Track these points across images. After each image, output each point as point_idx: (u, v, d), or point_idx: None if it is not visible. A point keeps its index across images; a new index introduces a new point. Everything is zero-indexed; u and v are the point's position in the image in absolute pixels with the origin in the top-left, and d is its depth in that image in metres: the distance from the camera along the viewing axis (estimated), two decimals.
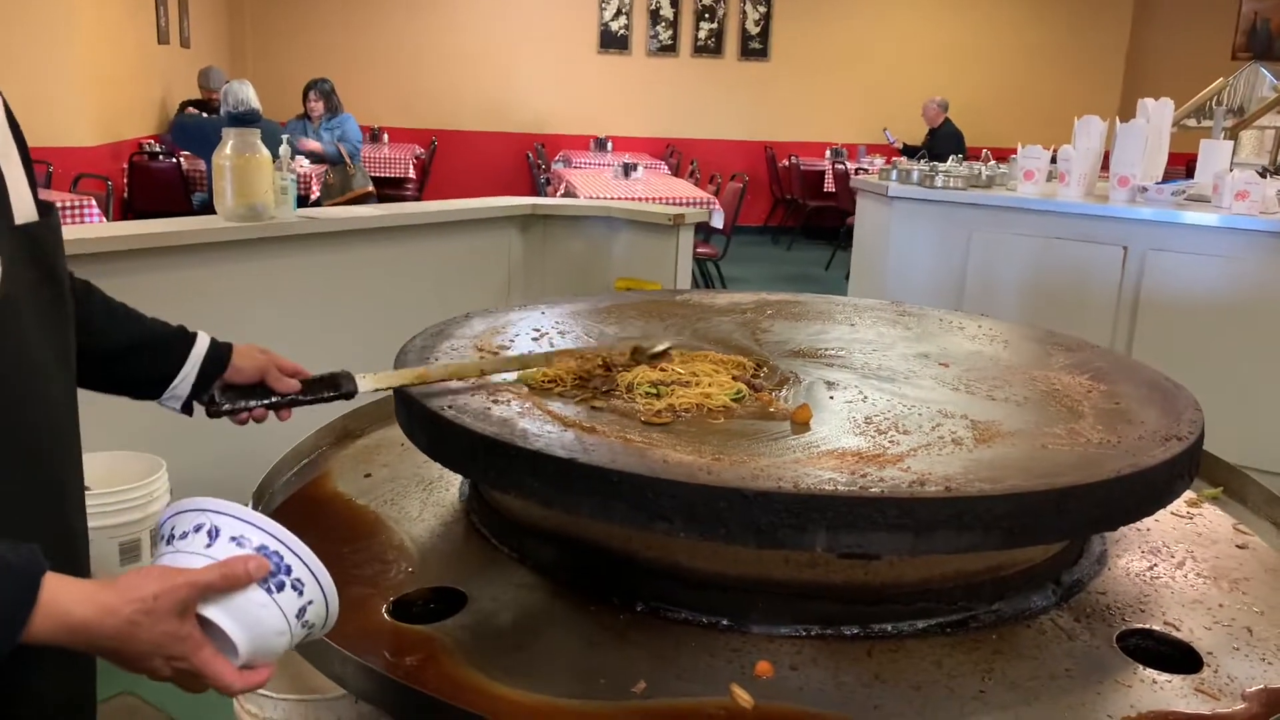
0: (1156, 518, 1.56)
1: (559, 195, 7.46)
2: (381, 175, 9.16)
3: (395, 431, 1.60)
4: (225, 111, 6.32)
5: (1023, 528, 1.14)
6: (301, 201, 6.10)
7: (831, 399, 1.48)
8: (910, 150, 9.67)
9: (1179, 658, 1.23)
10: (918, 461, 1.22)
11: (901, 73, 11.81)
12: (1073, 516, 1.17)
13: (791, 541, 1.11)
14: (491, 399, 1.39)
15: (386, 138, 10.28)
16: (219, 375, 1.30)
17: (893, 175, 4.88)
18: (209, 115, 7.15)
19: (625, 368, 1.52)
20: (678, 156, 11.25)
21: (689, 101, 11.78)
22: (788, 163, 11.05)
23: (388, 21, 11.12)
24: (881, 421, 1.38)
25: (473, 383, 1.46)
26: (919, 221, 4.70)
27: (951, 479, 1.15)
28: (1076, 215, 4.30)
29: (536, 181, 9.69)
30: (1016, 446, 1.30)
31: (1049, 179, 4.70)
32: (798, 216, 11.19)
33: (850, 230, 5.65)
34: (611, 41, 11.58)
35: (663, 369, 1.51)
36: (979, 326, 1.96)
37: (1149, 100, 4.54)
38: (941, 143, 8.97)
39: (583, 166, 9.63)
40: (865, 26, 11.81)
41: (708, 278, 7.99)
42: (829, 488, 1.12)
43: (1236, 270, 3.98)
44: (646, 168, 9.01)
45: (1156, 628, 1.29)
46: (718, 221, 6.84)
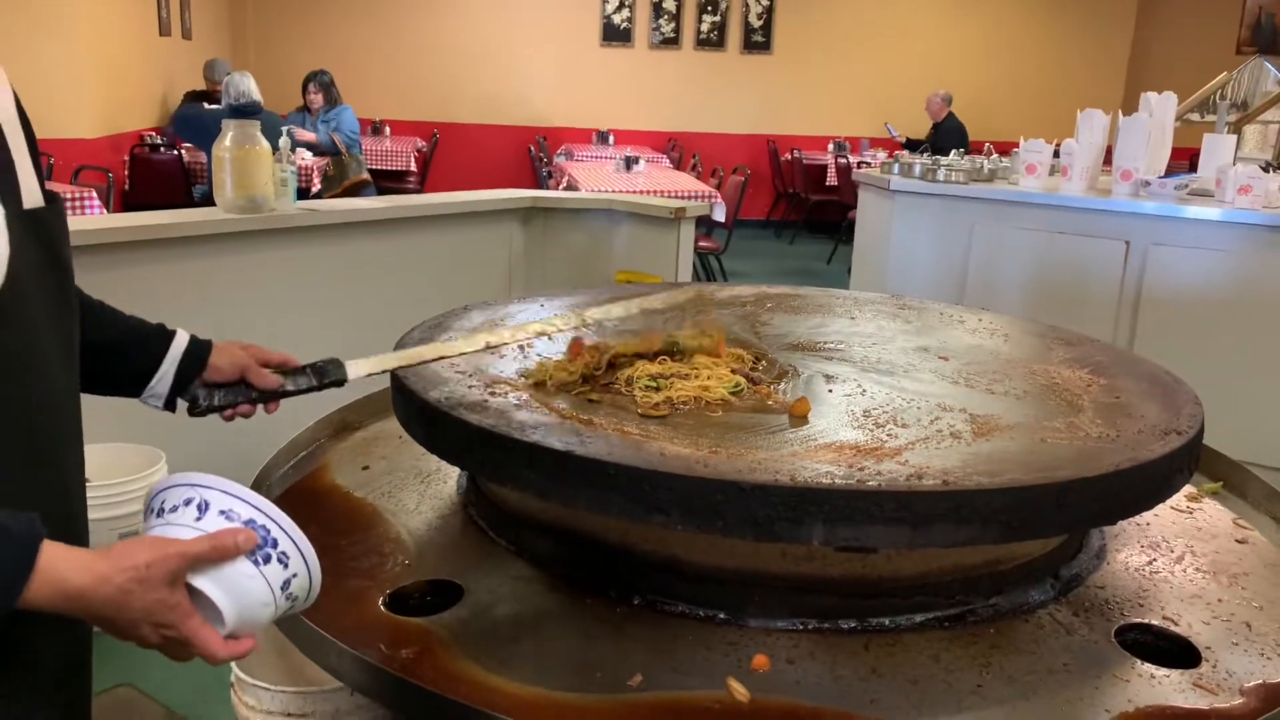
0: (1156, 512, 1.56)
1: (561, 188, 7.46)
2: (383, 168, 9.15)
3: (393, 424, 1.59)
4: (226, 103, 6.31)
5: (1021, 521, 1.14)
6: (303, 194, 6.10)
7: (830, 392, 1.48)
8: (913, 144, 9.65)
9: (1177, 652, 1.23)
10: (916, 455, 1.22)
11: (905, 66, 11.77)
12: (1071, 510, 1.16)
13: (788, 535, 1.11)
14: (489, 391, 1.39)
15: (388, 130, 10.27)
16: (199, 373, 1.29)
17: (894, 169, 4.87)
18: (210, 106, 7.13)
19: (628, 361, 1.50)
20: (680, 150, 11.23)
21: (691, 95, 11.75)
22: (790, 156, 11.03)
23: (390, 14, 11.10)
24: (880, 415, 1.38)
25: (470, 371, 1.46)
26: (921, 215, 4.68)
27: (950, 472, 1.15)
28: (1079, 209, 4.29)
29: (538, 175, 9.67)
30: (1015, 440, 1.29)
31: (1051, 173, 4.68)
32: (800, 210, 11.17)
33: (852, 224, 5.64)
34: (614, 34, 11.55)
35: (662, 361, 1.51)
36: (979, 320, 1.95)
37: (1152, 94, 4.53)
38: (944, 137, 8.96)
39: (584, 160, 9.62)
40: (868, 19, 11.77)
41: (709, 271, 7.98)
42: (826, 481, 1.11)
43: (1239, 265, 3.97)
44: (648, 161, 8.99)
45: (1155, 622, 1.28)
46: (719, 215, 6.83)
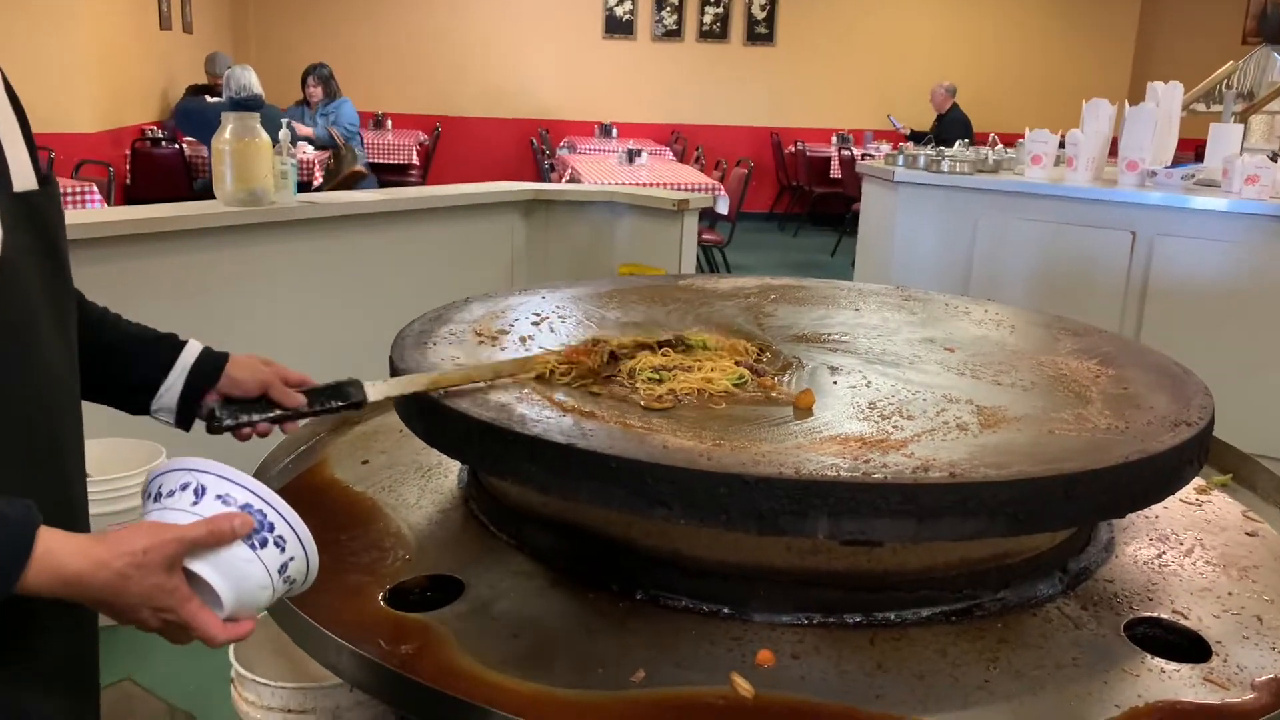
0: (1165, 505, 1.54)
1: (563, 182, 7.43)
2: (385, 162, 9.13)
3: (393, 418, 1.58)
4: (228, 97, 6.29)
5: (1029, 514, 1.12)
6: (305, 189, 6.08)
7: (835, 384, 1.46)
8: (917, 136, 9.61)
9: (1187, 646, 1.21)
10: (922, 447, 1.20)
11: (909, 58, 11.73)
12: (1080, 503, 1.15)
13: (793, 528, 1.09)
14: (489, 383, 1.37)
15: (390, 124, 10.24)
16: (211, 386, 1.23)
17: (899, 160, 4.84)
18: (212, 100, 7.12)
19: (630, 354, 1.48)
20: (683, 143, 11.19)
21: (694, 87, 11.71)
22: (794, 149, 11.00)
23: (392, 7, 11.07)
24: (885, 407, 1.36)
25: (471, 364, 1.44)
26: (925, 207, 4.66)
27: (956, 464, 1.13)
28: (1084, 200, 4.26)
29: (540, 168, 9.65)
30: (1023, 432, 1.27)
31: (1057, 164, 4.66)
32: (803, 203, 11.14)
33: (856, 217, 5.61)
34: (616, 27, 11.51)
35: (665, 353, 1.49)
36: (985, 311, 1.93)
37: (1158, 84, 4.50)
38: (949, 128, 8.91)
39: (587, 153, 9.59)
40: (872, 11, 11.72)
41: (713, 264, 7.96)
42: (831, 473, 1.09)
43: (1246, 256, 3.94)
44: (651, 154, 8.96)
45: (1165, 616, 1.26)
46: (723, 208, 6.81)
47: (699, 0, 11.50)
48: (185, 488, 0.93)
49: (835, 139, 10.98)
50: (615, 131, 10.74)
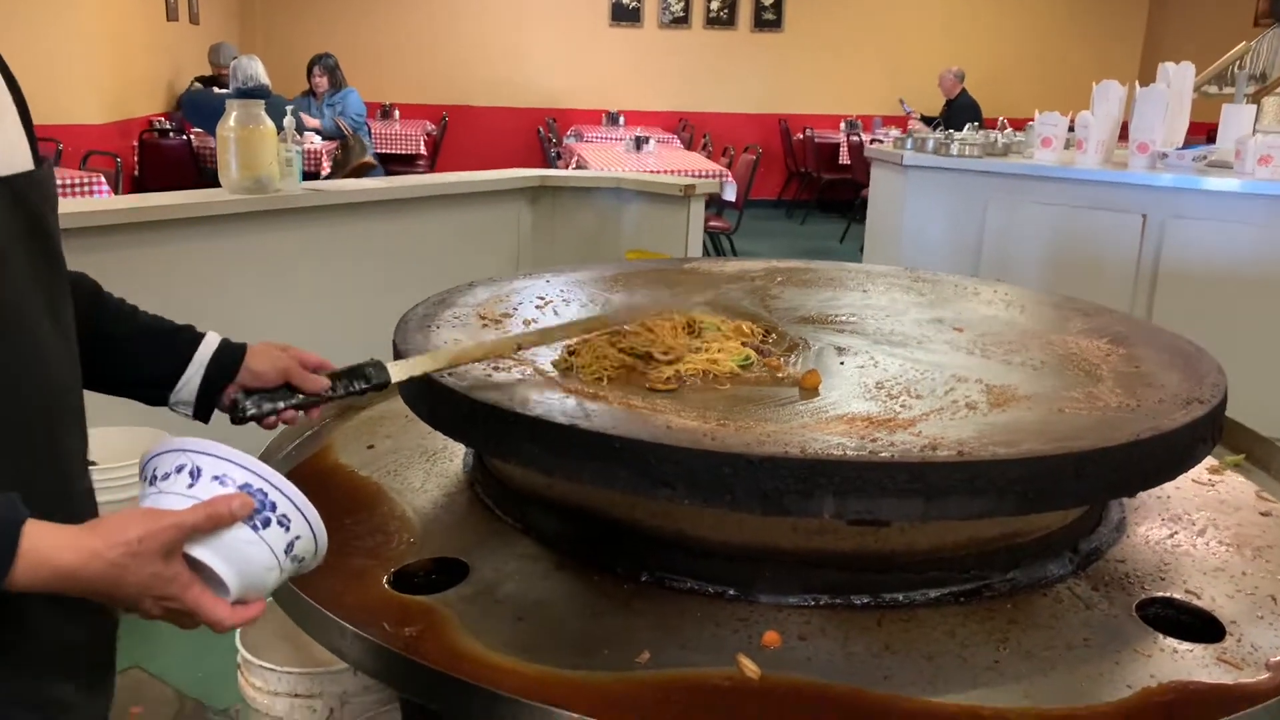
0: (1177, 485, 1.52)
1: (570, 170, 7.41)
2: (393, 152, 9.12)
3: (399, 403, 1.57)
4: (234, 87, 6.29)
5: (1038, 493, 1.11)
6: (313, 179, 6.07)
7: (842, 364, 1.45)
8: (926, 121, 9.55)
9: (1200, 627, 1.20)
10: (930, 426, 1.18)
11: (917, 43, 11.65)
12: (1090, 481, 1.13)
13: (798, 508, 1.08)
14: (493, 365, 1.36)
15: (398, 114, 10.23)
16: (230, 379, 1.20)
17: (908, 144, 4.81)
18: (220, 91, 7.12)
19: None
20: (690, 130, 11.15)
21: (702, 74, 11.66)
22: (802, 135, 10.94)
23: None
24: (893, 386, 1.34)
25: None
26: (934, 191, 4.63)
27: (965, 443, 1.12)
28: (1095, 183, 4.22)
29: (548, 156, 9.63)
30: (1033, 410, 1.26)
31: (1067, 146, 4.62)
32: (812, 190, 11.09)
33: (865, 203, 5.58)
34: (623, 14, 11.46)
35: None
36: (994, 291, 1.91)
37: (1170, 64, 4.45)
38: (958, 113, 8.85)
39: (594, 141, 9.56)
40: None
41: (720, 251, 7.94)
42: (837, 452, 1.08)
43: (1259, 237, 3.90)
44: (659, 141, 8.93)
45: (1177, 596, 1.25)
46: (730, 194, 6.78)
47: None
48: (180, 470, 0.90)
49: (844, 125, 10.93)
50: (622, 119, 10.71)
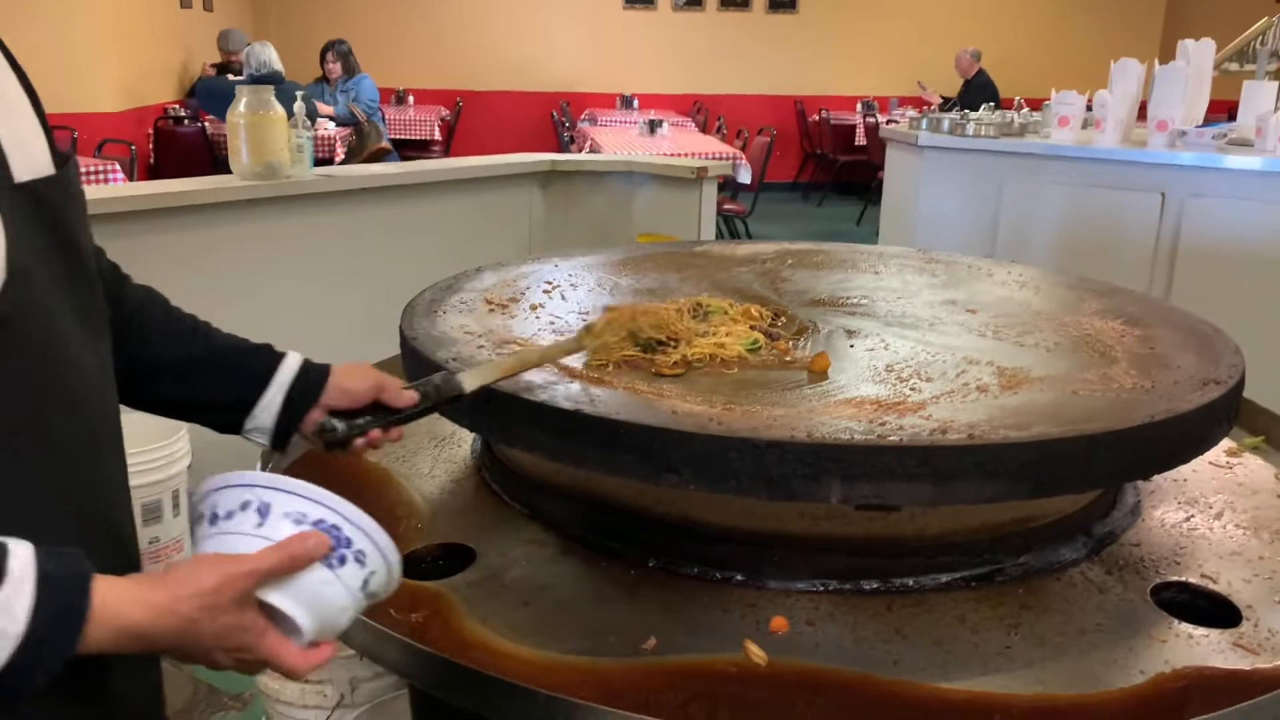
0: (1194, 467, 1.50)
1: (584, 154, 7.39)
2: (407, 137, 9.11)
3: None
4: (248, 74, 6.30)
5: (1050, 476, 1.09)
6: (326, 164, 6.07)
7: (852, 347, 1.43)
8: (944, 102, 9.47)
9: (1216, 611, 1.18)
10: (940, 409, 1.17)
11: (934, 22, 11.54)
12: (1103, 464, 1.11)
13: (805, 493, 1.06)
14: (497, 351, 1.35)
15: (411, 100, 10.22)
16: (314, 401, 1.12)
17: (923, 124, 4.76)
18: (234, 78, 7.12)
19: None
20: (705, 113, 11.10)
21: (716, 56, 11.59)
22: (818, 117, 10.87)
23: None
24: (903, 369, 1.33)
25: (481, 332, 1.42)
26: (950, 172, 4.58)
27: (975, 426, 1.10)
28: (1113, 162, 4.16)
29: (561, 140, 9.60)
30: (1045, 393, 1.24)
31: (1084, 126, 4.56)
32: (828, 172, 11.03)
33: (882, 185, 5.54)
34: None
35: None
36: (1009, 273, 1.89)
37: (1189, 41, 4.38)
38: (975, 93, 8.77)
39: (608, 125, 9.52)
40: None
41: (735, 235, 7.90)
42: (845, 436, 1.07)
43: None
44: (673, 124, 8.89)
45: (1193, 580, 1.23)
46: (744, 177, 6.74)
47: None
48: (246, 507, 0.84)
49: (860, 106, 10.85)
50: (636, 103, 10.66)
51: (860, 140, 10.32)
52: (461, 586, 1.20)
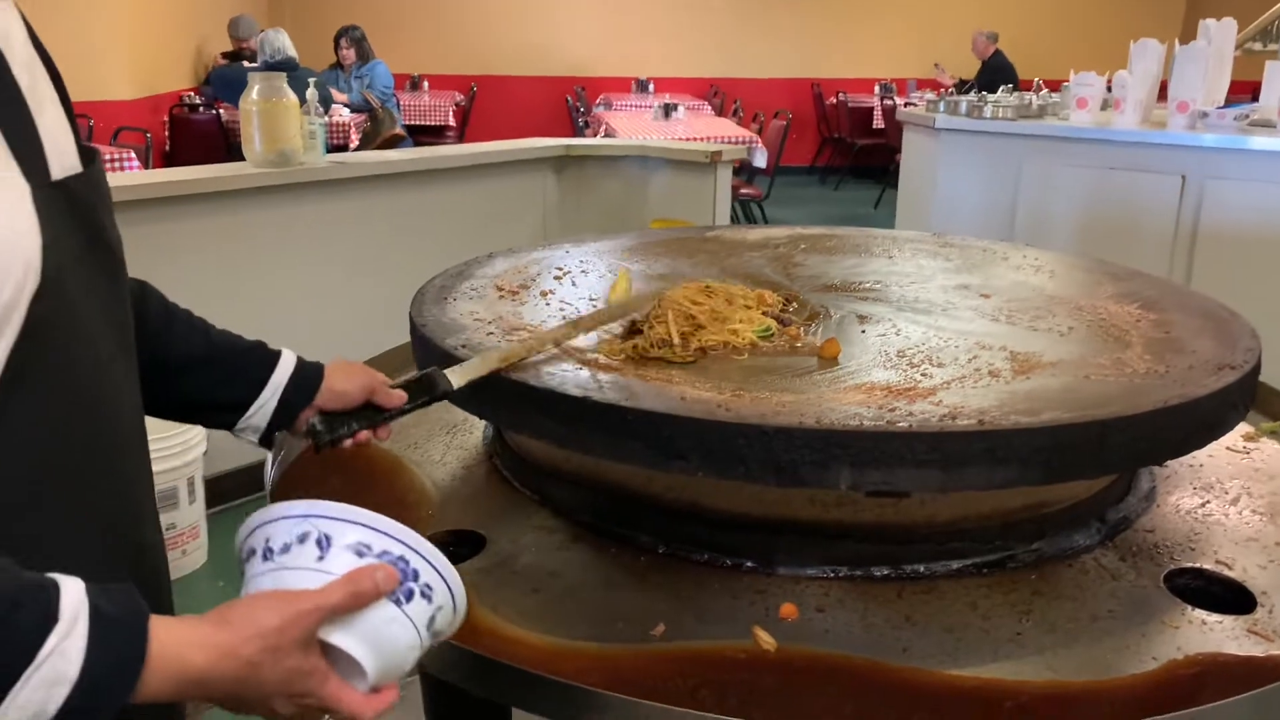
0: (1210, 452, 1.49)
1: (599, 138, 7.37)
2: (422, 123, 9.12)
3: None
4: (262, 61, 6.31)
5: (1061, 462, 1.08)
6: (341, 150, 6.08)
7: (863, 333, 1.42)
8: (961, 84, 9.40)
9: (1231, 598, 1.17)
10: (951, 394, 1.16)
11: (952, 3, 11.44)
12: (1116, 450, 1.10)
13: (814, 479, 1.06)
14: (506, 338, 1.35)
15: (426, 85, 10.21)
16: (307, 401, 1.11)
17: (940, 107, 4.73)
18: (249, 66, 7.14)
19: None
20: (721, 96, 11.05)
21: (733, 40, 11.54)
22: (835, 100, 10.81)
23: None
24: (915, 355, 1.32)
25: (490, 319, 1.42)
26: (967, 154, 4.55)
27: (986, 412, 1.09)
28: (1132, 144, 4.13)
29: (576, 125, 9.58)
30: (1058, 378, 1.23)
31: (1104, 107, 4.51)
32: (845, 155, 10.97)
33: (899, 168, 5.50)
34: None
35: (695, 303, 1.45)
36: (1024, 257, 1.87)
37: (1211, 20, 4.33)
38: (991, 74, 8.70)
39: (623, 109, 9.50)
40: None
41: (751, 219, 7.87)
42: (854, 422, 1.06)
43: None
44: (688, 108, 8.86)
45: (1207, 566, 1.22)
46: (760, 161, 6.72)
47: None
48: (305, 539, 0.78)
49: (878, 89, 10.78)
50: (652, 87, 10.63)
51: (878, 123, 10.26)
52: (472, 573, 1.20)
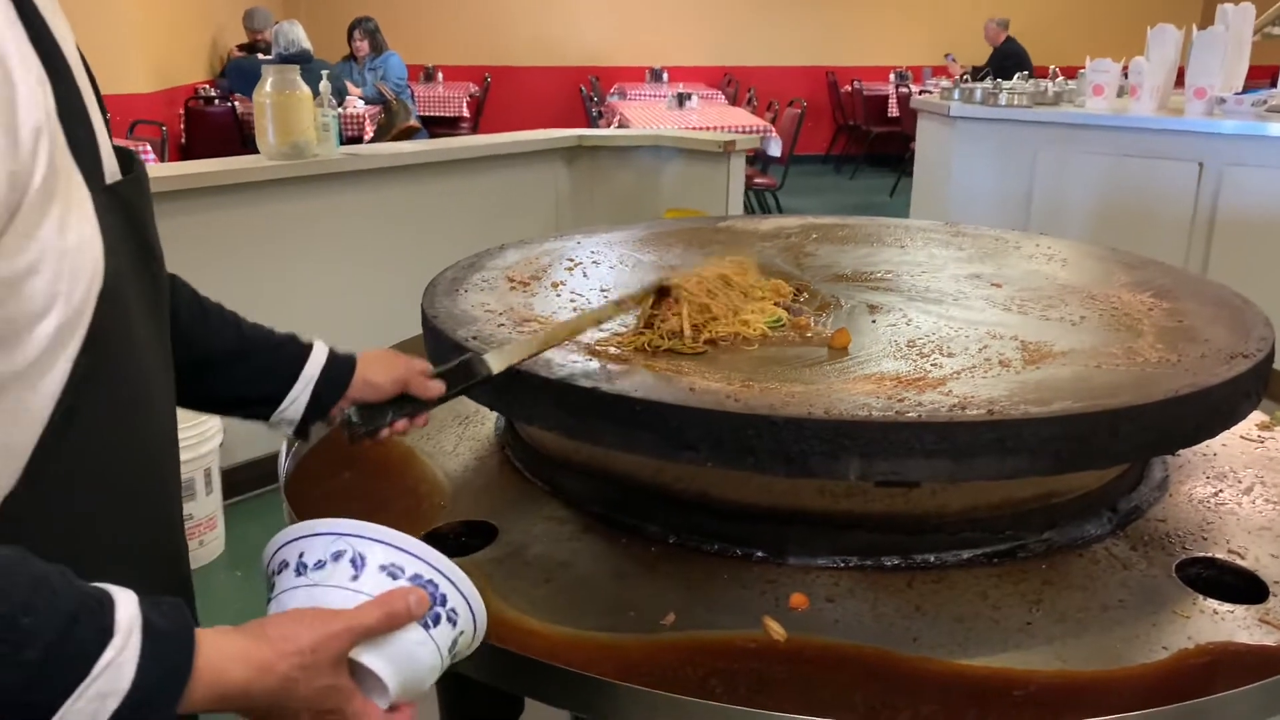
0: (1224, 441, 1.48)
1: (612, 128, 7.36)
2: (436, 114, 9.13)
3: None
4: (276, 53, 6.33)
5: (1072, 452, 1.08)
6: (355, 142, 6.09)
7: (874, 323, 1.42)
8: (974, 72, 9.34)
9: (1243, 587, 1.16)
10: (961, 384, 1.16)
11: None
12: (1127, 439, 1.10)
13: (823, 470, 1.06)
14: (518, 330, 1.35)
15: (440, 76, 10.22)
16: (340, 393, 1.11)
17: (954, 94, 4.70)
18: (264, 58, 7.16)
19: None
20: (735, 85, 11.01)
21: (747, 28, 11.48)
22: (850, 88, 10.76)
23: None
24: (925, 345, 1.32)
25: (501, 310, 1.43)
26: (982, 142, 4.52)
27: (996, 402, 1.09)
28: (1149, 131, 4.09)
29: (590, 115, 9.57)
30: (1068, 367, 1.22)
31: (1120, 94, 4.48)
32: (861, 143, 10.92)
33: (914, 156, 5.48)
34: None
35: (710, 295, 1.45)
36: (1036, 246, 1.86)
37: (1229, 5, 4.28)
38: (1004, 61, 8.63)
39: (637, 99, 9.48)
40: None
41: (765, 209, 7.85)
42: (863, 413, 1.06)
43: None
44: (702, 97, 8.83)
45: (1219, 556, 1.21)
46: (774, 150, 6.69)
47: None
48: (339, 557, 0.79)
49: (893, 77, 10.73)
50: (666, 76, 10.60)
51: (893, 111, 10.21)
52: (483, 563, 1.21)
